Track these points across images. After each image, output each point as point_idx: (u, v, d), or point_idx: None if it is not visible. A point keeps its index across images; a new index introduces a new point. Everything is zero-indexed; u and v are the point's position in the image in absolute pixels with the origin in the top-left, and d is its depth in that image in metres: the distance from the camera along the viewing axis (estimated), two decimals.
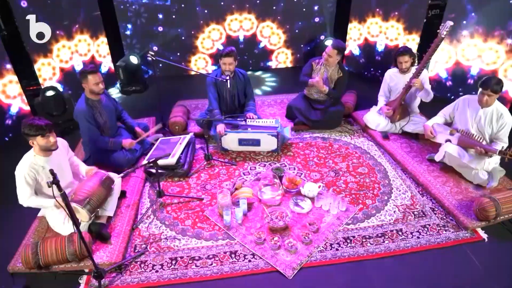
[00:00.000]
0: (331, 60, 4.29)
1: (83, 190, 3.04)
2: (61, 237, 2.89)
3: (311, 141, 4.42)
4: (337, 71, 4.42)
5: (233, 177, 3.85)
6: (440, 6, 6.19)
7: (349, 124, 4.77)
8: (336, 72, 4.42)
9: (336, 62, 4.36)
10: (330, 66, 4.40)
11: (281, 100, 5.32)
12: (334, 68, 4.42)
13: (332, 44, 4.25)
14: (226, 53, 4.01)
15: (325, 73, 4.44)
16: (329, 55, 4.26)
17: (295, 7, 6.07)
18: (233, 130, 4.10)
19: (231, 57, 4.03)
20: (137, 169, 3.74)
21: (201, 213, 3.38)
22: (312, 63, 4.54)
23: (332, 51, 4.23)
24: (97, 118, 3.70)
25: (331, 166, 3.97)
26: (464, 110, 3.62)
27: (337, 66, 4.42)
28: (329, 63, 4.33)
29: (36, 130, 2.82)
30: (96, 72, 3.56)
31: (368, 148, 4.28)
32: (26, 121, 2.85)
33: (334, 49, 4.22)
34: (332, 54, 4.24)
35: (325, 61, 4.33)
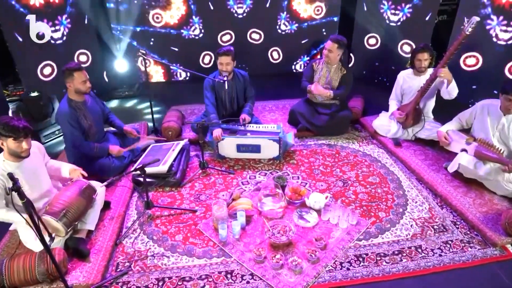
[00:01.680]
0: (332, 56, 3.96)
1: (59, 201, 2.68)
2: (32, 254, 2.52)
3: (316, 148, 4.07)
4: (340, 69, 4.10)
5: (230, 186, 3.49)
6: (448, 12, 5.97)
7: (356, 131, 4.42)
8: (339, 70, 4.11)
9: (337, 59, 4.04)
10: (331, 64, 4.07)
11: (283, 105, 4.99)
12: (336, 67, 4.10)
13: (331, 38, 3.94)
14: (223, 52, 3.70)
15: (328, 72, 4.11)
16: (329, 50, 3.94)
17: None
18: (231, 135, 3.75)
19: (228, 56, 3.71)
20: (123, 178, 3.38)
21: (193, 226, 3.01)
22: (313, 64, 4.23)
23: (332, 45, 3.91)
24: (81, 121, 3.36)
25: (339, 175, 3.60)
26: (484, 117, 3.28)
27: (339, 64, 4.11)
28: (330, 60, 4.00)
29: (9, 131, 2.48)
30: (82, 69, 3.25)
31: (379, 156, 3.92)
32: (2, 119, 2.51)
33: (334, 42, 3.90)
34: (333, 49, 3.92)
35: (326, 58, 4.02)
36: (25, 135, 2.54)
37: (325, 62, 4.10)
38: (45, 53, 4.58)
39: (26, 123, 2.56)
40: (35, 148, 2.82)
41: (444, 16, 5.97)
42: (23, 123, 2.54)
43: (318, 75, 4.16)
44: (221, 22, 5.78)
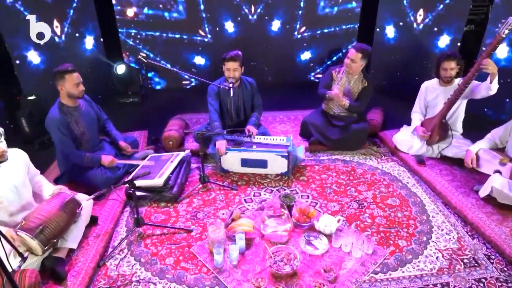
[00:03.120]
0: (354, 66, 3.62)
1: (37, 215, 2.39)
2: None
3: (330, 164, 3.70)
4: (361, 81, 3.74)
5: (232, 204, 3.15)
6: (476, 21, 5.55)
7: (375, 146, 4.03)
8: (359, 81, 3.75)
9: (360, 69, 3.69)
10: (353, 75, 3.72)
11: (295, 116, 4.64)
12: (358, 77, 3.75)
13: (355, 46, 3.60)
14: (230, 57, 3.40)
15: (347, 83, 3.76)
16: (351, 59, 3.59)
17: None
18: (235, 147, 3.43)
19: (236, 62, 3.42)
20: (113, 191, 3.05)
21: (187, 249, 2.68)
22: (332, 71, 3.88)
23: (355, 55, 3.57)
24: (72, 127, 3.11)
25: (354, 196, 3.22)
26: None
27: (361, 75, 3.75)
28: (352, 70, 3.66)
29: None
30: (75, 71, 3.01)
31: (399, 174, 3.52)
32: None
33: (357, 52, 3.56)
34: (356, 59, 3.58)
35: (347, 68, 3.67)
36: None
37: (346, 72, 3.76)
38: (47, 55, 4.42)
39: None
40: (16, 156, 2.56)
41: (471, 26, 5.57)
42: None
43: (337, 85, 3.82)
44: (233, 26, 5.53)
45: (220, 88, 3.55)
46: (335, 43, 5.75)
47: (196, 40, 5.56)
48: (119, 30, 5.39)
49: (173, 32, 5.49)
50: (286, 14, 5.50)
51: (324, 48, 5.80)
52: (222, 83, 3.60)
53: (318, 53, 5.83)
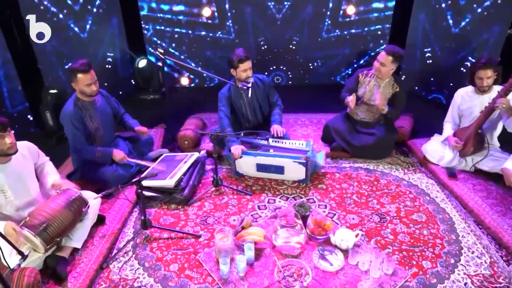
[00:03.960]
0: (384, 70, 3.38)
1: (41, 213, 2.34)
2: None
3: (352, 172, 3.47)
4: (392, 85, 3.50)
5: (244, 210, 3.00)
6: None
7: (402, 155, 3.75)
8: (390, 86, 3.50)
9: (390, 73, 3.44)
10: (383, 79, 3.48)
11: (318, 120, 4.43)
12: (388, 82, 3.50)
13: (386, 49, 3.35)
14: (246, 57, 3.25)
15: (376, 88, 3.52)
16: (382, 63, 3.35)
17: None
18: (251, 150, 3.27)
19: (250, 60, 3.29)
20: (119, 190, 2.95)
21: (193, 255, 2.55)
22: (359, 74, 3.64)
23: (386, 58, 3.33)
24: (86, 123, 3.05)
25: (376, 208, 2.98)
26: None
27: (391, 79, 3.50)
28: (381, 74, 3.42)
29: None
30: (89, 70, 2.93)
31: (428, 188, 3.24)
32: None
33: (388, 55, 3.31)
34: (386, 62, 3.33)
35: (377, 72, 3.43)
36: (2, 129, 2.25)
37: (375, 76, 3.52)
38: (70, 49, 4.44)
39: (2, 117, 2.26)
40: (24, 150, 2.53)
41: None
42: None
43: (364, 89, 3.58)
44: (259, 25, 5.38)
45: (230, 92, 3.41)
46: (364, 45, 5.47)
47: (221, 38, 5.45)
48: (143, 26, 5.35)
49: (199, 30, 5.40)
50: (313, 13, 5.28)
51: (352, 50, 5.53)
52: (231, 88, 3.46)
53: (345, 54, 5.57)
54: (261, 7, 5.26)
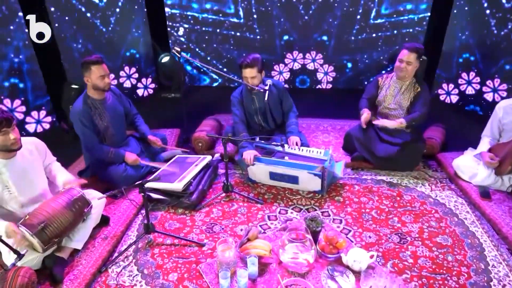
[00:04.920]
0: (410, 69, 3.15)
1: (41, 212, 2.28)
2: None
3: (372, 185, 3.23)
4: (413, 86, 3.24)
5: (253, 219, 2.84)
6: None
7: (430, 169, 3.46)
8: (411, 87, 3.25)
9: (413, 73, 3.19)
10: (406, 80, 3.24)
11: (341, 127, 4.19)
12: (409, 84, 3.25)
13: (408, 46, 3.12)
14: (246, 64, 3.08)
15: (397, 90, 3.27)
16: (407, 62, 3.12)
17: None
18: (265, 157, 3.10)
19: (253, 68, 3.09)
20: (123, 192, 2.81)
21: (194, 265, 2.42)
22: (378, 78, 3.41)
23: (409, 55, 3.09)
24: (95, 121, 3.00)
25: (396, 227, 2.74)
26: None
27: (413, 80, 3.25)
28: (407, 73, 3.18)
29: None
30: (102, 63, 2.89)
31: (456, 207, 2.95)
32: None
33: (412, 52, 3.09)
34: (412, 60, 3.10)
35: (402, 72, 3.18)
36: (7, 124, 2.20)
37: (397, 77, 3.27)
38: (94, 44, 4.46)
39: (5, 112, 2.21)
40: (31, 146, 2.49)
41: None
42: (2, 111, 2.19)
43: (384, 93, 3.35)
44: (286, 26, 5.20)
45: (242, 95, 3.26)
46: (395, 49, 5.15)
47: (246, 38, 5.32)
48: (168, 23, 5.31)
49: (225, 29, 5.29)
50: (342, 14, 5.03)
51: (383, 53, 5.23)
52: (244, 91, 3.31)
53: (375, 58, 5.27)
54: (288, 7, 5.08)
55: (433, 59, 4.72)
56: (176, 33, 5.38)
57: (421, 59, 3.24)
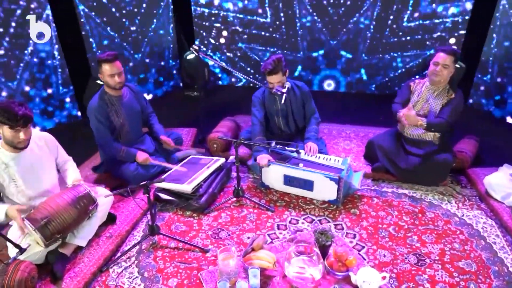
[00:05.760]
0: (446, 73, 2.92)
1: (46, 207, 2.28)
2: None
3: (393, 199, 3.02)
4: (447, 92, 3.01)
5: (262, 228, 2.72)
6: None
7: (458, 185, 3.19)
8: (445, 93, 3.02)
9: (448, 78, 2.96)
10: (440, 85, 3.01)
11: (365, 134, 3.97)
12: (443, 90, 3.02)
13: (444, 49, 2.91)
14: (269, 71, 2.96)
15: (430, 95, 3.05)
16: (443, 65, 2.90)
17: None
18: (279, 162, 2.97)
19: (277, 74, 2.98)
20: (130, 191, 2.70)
21: (195, 272, 2.34)
22: (411, 83, 3.20)
23: (446, 59, 2.88)
24: (111, 118, 2.99)
25: (414, 246, 2.53)
26: None
27: (447, 86, 3.02)
28: (443, 78, 2.95)
29: (6, 118, 2.17)
30: (113, 61, 2.86)
31: (485, 229, 2.69)
32: (2, 102, 2.24)
33: (449, 55, 2.88)
34: (449, 63, 2.89)
35: (437, 77, 2.95)
36: (24, 124, 2.21)
37: (431, 82, 3.05)
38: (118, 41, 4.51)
39: (27, 110, 2.22)
40: (42, 141, 2.50)
41: None
42: (23, 110, 2.20)
43: (416, 98, 3.13)
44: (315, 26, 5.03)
45: (264, 95, 3.14)
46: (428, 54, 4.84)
47: (274, 39, 5.19)
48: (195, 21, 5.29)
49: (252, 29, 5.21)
50: (373, 16, 4.79)
51: (415, 58, 4.93)
52: (266, 92, 3.19)
53: (407, 62, 4.99)
54: (317, 7, 4.90)
55: (471, 66, 4.40)
56: (203, 31, 5.35)
57: (458, 65, 3.02)
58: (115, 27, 4.53)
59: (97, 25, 4.35)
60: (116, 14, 4.49)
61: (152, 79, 5.14)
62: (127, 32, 4.66)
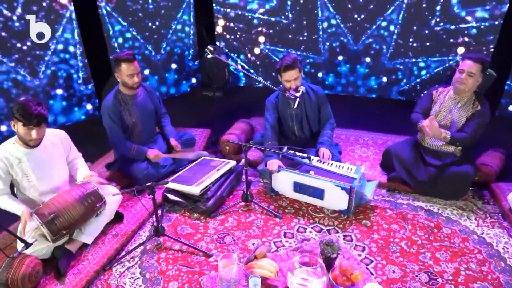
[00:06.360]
0: (471, 82, 2.75)
1: (54, 203, 2.32)
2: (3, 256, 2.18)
3: (408, 211, 2.88)
4: (472, 103, 2.84)
5: (268, 234, 2.66)
6: None
7: (480, 200, 3.01)
8: (470, 105, 2.85)
9: (474, 88, 2.79)
10: (464, 94, 2.85)
11: (383, 141, 3.82)
12: (468, 100, 2.85)
13: (472, 57, 2.73)
14: (287, 66, 2.89)
15: (453, 105, 2.89)
16: (469, 73, 2.73)
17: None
18: (289, 169, 2.90)
19: (295, 70, 2.90)
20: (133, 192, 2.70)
21: (197, 276, 2.31)
22: (433, 92, 3.04)
23: (473, 67, 2.71)
24: (124, 117, 3.01)
25: (427, 264, 2.39)
26: None
27: (472, 97, 2.85)
28: (467, 87, 2.78)
29: (21, 115, 2.21)
30: (132, 60, 2.88)
31: (506, 250, 2.51)
32: (21, 100, 2.27)
33: (477, 63, 2.71)
34: (475, 71, 2.72)
35: (461, 85, 2.79)
36: (37, 123, 2.25)
37: (455, 91, 2.89)
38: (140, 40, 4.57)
39: (42, 110, 2.25)
40: (56, 138, 2.54)
41: None
42: (39, 109, 2.23)
43: (438, 107, 2.98)
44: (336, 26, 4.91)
45: (278, 99, 3.07)
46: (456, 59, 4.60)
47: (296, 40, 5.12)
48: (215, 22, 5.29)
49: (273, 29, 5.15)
50: (399, 17, 4.61)
51: (441, 63, 4.70)
52: (280, 95, 3.12)
53: (432, 68, 4.77)
54: (340, 10, 4.78)
55: (502, 74, 4.15)
56: (225, 32, 5.34)
57: (487, 74, 2.84)
58: (138, 28, 4.58)
59: (120, 24, 4.41)
60: (139, 14, 4.55)
61: (171, 79, 5.17)
62: (148, 32, 4.71)
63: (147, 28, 4.69)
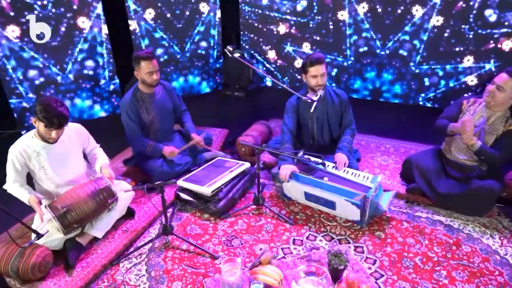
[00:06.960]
0: (500, 96, 2.59)
1: (67, 197, 2.39)
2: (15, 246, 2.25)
3: (426, 225, 2.74)
4: (506, 120, 2.67)
5: (277, 240, 2.61)
6: None
7: (507, 218, 2.81)
8: (502, 121, 2.67)
9: (508, 104, 2.63)
10: (494, 109, 2.68)
11: (406, 150, 3.67)
12: (501, 115, 2.68)
13: (508, 70, 2.56)
14: (316, 60, 2.83)
15: (483, 118, 2.72)
16: (499, 86, 2.58)
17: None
18: (303, 174, 2.83)
19: (323, 64, 2.84)
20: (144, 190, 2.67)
21: (201, 278, 2.30)
22: (464, 101, 2.88)
23: (507, 81, 2.55)
24: (141, 115, 3.05)
25: (441, 283, 2.27)
26: None
27: (506, 112, 2.67)
28: (495, 101, 2.62)
29: (43, 117, 2.27)
30: (152, 58, 2.91)
31: None
32: (45, 100, 2.31)
33: (511, 77, 2.53)
34: (506, 86, 2.56)
35: (490, 98, 2.64)
36: (58, 126, 2.31)
37: (486, 104, 2.73)
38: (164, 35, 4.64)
39: (64, 113, 2.30)
40: (72, 132, 2.61)
41: None
42: (61, 112, 2.28)
43: (467, 118, 2.82)
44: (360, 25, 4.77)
45: (300, 100, 3.00)
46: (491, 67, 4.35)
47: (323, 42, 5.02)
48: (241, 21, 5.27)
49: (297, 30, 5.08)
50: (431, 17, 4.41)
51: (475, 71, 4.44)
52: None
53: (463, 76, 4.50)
54: (369, 14, 4.64)
55: None
56: (250, 33, 5.32)
57: None
58: (165, 26, 4.65)
59: (146, 22, 4.48)
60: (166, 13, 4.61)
61: (195, 78, 5.21)
62: (174, 30, 4.76)
63: (173, 27, 4.75)
